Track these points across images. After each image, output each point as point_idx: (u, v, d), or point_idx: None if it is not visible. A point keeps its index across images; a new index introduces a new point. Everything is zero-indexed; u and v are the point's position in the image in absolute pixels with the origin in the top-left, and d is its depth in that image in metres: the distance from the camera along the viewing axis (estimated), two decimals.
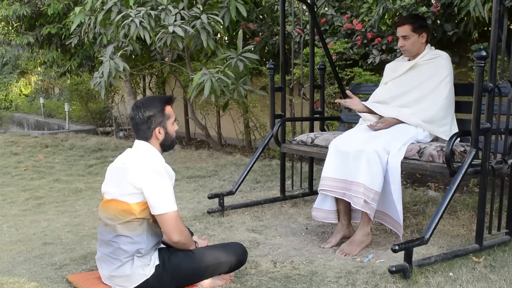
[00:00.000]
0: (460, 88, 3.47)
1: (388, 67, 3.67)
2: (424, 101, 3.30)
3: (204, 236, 2.77)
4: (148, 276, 2.40)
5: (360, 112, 3.51)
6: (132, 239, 2.38)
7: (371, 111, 3.41)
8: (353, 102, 3.42)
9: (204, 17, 4.95)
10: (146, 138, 2.48)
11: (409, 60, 3.49)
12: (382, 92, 3.55)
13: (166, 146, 2.54)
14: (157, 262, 2.43)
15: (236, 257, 2.60)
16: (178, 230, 2.41)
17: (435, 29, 4.85)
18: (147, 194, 2.36)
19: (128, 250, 2.38)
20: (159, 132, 2.48)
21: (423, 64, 3.39)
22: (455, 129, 3.28)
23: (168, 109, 2.52)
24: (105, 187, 2.52)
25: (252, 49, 6.11)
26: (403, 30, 3.37)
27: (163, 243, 2.55)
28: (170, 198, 2.39)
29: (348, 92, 3.58)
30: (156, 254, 2.46)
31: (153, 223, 2.44)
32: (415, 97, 3.32)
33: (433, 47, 3.45)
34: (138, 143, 2.50)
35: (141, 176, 2.36)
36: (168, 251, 2.50)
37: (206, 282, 2.56)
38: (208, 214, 3.94)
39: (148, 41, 4.98)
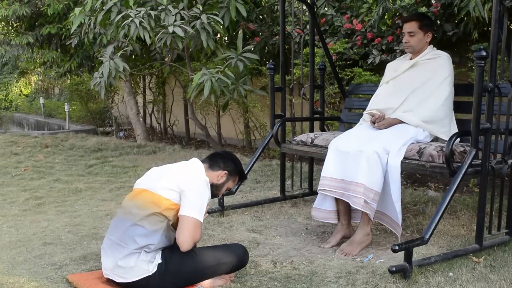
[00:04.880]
0: (460, 88, 3.47)
1: (389, 66, 3.68)
2: (425, 101, 3.30)
3: None
4: (150, 274, 2.42)
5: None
6: (147, 232, 2.42)
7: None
8: (382, 124, 3.32)
9: (204, 17, 4.95)
10: (210, 167, 2.62)
11: (410, 59, 3.49)
12: (384, 90, 3.56)
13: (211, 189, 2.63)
14: (160, 261, 2.46)
15: (237, 258, 2.62)
16: (192, 238, 2.46)
17: (435, 29, 4.84)
18: (187, 194, 2.43)
19: (139, 242, 2.42)
20: (222, 176, 2.63)
21: (424, 64, 3.39)
22: (455, 129, 3.28)
23: (235, 181, 2.75)
24: (140, 181, 2.61)
25: (252, 49, 6.11)
26: (410, 26, 3.38)
27: None
28: (202, 208, 2.48)
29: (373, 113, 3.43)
30: (160, 253, 2.48)
31: (172, 226, 2.49)
32: (418, 100, 3.32)
33: (434, 48, 3.46)
34: (196, 161, 2.63)
35: (189, 181, 2.47)
36: (170, 251, 2.50)
37: (206, 282, 2.57)
38: (208, 214, 3.93)
39: (148, 41, 4.98)
